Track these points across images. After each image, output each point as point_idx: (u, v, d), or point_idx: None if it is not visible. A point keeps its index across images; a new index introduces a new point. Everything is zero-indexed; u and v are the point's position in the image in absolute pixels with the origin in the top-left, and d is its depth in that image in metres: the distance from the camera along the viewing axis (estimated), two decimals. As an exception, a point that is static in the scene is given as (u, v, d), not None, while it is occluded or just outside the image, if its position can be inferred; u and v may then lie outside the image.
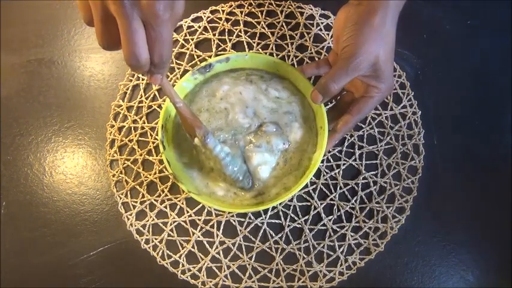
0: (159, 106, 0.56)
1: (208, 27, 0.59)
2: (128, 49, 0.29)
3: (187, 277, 0.50)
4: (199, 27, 0.58)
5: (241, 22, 0.58)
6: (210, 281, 0.50)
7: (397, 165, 0.53)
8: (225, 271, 0.50)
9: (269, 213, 0.51)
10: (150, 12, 0.28)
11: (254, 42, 0.57)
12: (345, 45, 0.40)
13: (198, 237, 0.51)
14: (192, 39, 0.58)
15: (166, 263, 0.50)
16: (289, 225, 0.51)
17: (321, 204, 0.51)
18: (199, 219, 0.51)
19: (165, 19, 0.29)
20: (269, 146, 0.45)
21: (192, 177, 0.46)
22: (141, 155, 0.54)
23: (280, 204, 0.51)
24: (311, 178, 0.49)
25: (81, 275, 0.50)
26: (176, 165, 0.46)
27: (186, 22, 0.59)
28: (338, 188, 0.52)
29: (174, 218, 0.52)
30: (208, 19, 0.59)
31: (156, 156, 0.54)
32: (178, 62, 0.57)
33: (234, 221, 0.51)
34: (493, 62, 0.57)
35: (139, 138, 0.55)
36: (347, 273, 0.49)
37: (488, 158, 0.53)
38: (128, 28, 0.28)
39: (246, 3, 0.59)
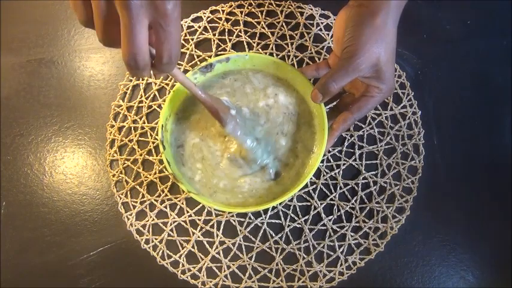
0: (159, 106, 0.56)
1: (208, 27, 0.59)
2: (128, 50, 0.28)
3: (187, 277, 0.50)
4: (199, 27, 0.58)
5: (241, 22, 0.58)
6: (210, 281, 0.50)
7: (397, 165, 0.53)
8: (225, 271, 0.50)
9: (269, 213, 0.51)
10: (160, 11, 0.27)
11: (254, 42, 0.57)
12: (346, 45, 0.40)
13: (198, 237, 0.51)
14: (192, 39, 0.58)
15: (166, 263, 0.50)
16: (289, 225, 0.51)
17: (321, 204, 0.51)
18: (199, 219, 0.51)
19: (175, 17, 0.28)
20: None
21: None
22: (141, 155, 0.54)
23: (280, 204, 0.51)
24: (311, 178, 0.49)
25: (81, 275, 0.50)
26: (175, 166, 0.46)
27: (186, 22, 0.59)
28: (338, 188, 0.52)
29: (174, 218, 0.52)
30: (208, 19, 0.59)
31: (156, 156, 0.54)
32: (178, 62, 0.57)
33: (234, 221, 0.51)
34: (493, 62, 0.57)
35: (139, 138, 0.55)
36: (347, 273, 0.49)
37: (488, 158, 0.53)
38: (131, 29, 0.27)
39: (246, 3, 0.59)
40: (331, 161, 0.53)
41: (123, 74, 0.58)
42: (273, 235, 0.51)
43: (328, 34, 0.58)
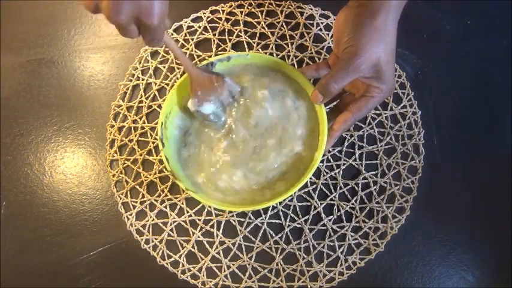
0: (159, 106, 0.56)
1: (208, 27, 0.59)
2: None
3: (187, 277, 0.50)
4: (199, 27, 0.58)
5: (241, 22, 0.58)
6: (210, 281, 0.50)
7: (397, 165, 0.53)
8: (225, 271, 0.50)
9: (269, 213, 0.51)
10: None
11: (254, 42, 0.57)
12: (346, 46, 0.40)
13: (198, 237, 0.51)
14: (192, 39, 0.58)
15: (166, 263, 0.50)
16: (289, 225, 0.51)
17: (321, 204, 0.51)
18: (199, 219, 0.51)
19: None
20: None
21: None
22: (141, 155, 0.54)
23: (280, 204, 0.51)
24: (311, 178, 0.49)
25: (81, 275, 0.50)
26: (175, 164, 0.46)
27: (186, 22, 0.59)
28: (338, 188, 0.52)
29: (174, 218, 0.52)
30: (208, 19, 0.59)
31: (156, 156, 0.54)
32: (178, 62, 0.57)
33: (234, 221, 0.51)
34: (493, 62, 0.57)
35: (139, 138, 0.55)
36: (347, 273, 0.49)
37: (488, 158, 0.53)
38: None
39: (246, 3, 0.59)
40: (331, 161, 0.53)
41: (123, 74, 0.58)
42: (273, 235, 0.51)
43: (328, 34, 0.58)
